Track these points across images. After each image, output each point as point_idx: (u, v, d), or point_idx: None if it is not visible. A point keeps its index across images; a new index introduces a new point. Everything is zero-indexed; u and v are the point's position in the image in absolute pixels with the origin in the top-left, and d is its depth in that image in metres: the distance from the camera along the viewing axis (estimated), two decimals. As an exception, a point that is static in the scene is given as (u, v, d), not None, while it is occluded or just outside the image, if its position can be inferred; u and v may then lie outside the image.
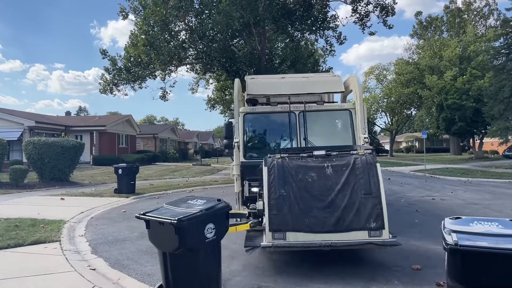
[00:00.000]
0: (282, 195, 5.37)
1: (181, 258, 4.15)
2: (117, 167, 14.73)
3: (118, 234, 8.19)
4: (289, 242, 5.20)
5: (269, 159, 5.71)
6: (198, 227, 4.11)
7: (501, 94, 24.48)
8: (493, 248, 2.89)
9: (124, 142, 40.57)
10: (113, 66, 24.28)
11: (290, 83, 9.13)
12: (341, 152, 5.82)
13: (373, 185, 5.37)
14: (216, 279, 4.42)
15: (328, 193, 5.36)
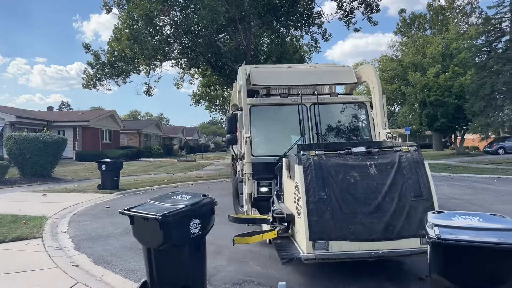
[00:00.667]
0: (323, 199, 4.69)
1: (165, 254, 4.12)
2: (101, 162, 14.56)
3: (102, 230, 8.11)
4: (333, 252, 4.55)
5: (303, 156, 5.01)
6: (183, 222, 4.08)
7: (482, 91, 24.92)
8: (474, 241, 2.94)
9: (108, 137, 40.12)
10: (96, 60, 23.97)
11: (298, 73, 8.52)
12: (383, 149, 5.25)
13: (423, 186, 4.81)
14: (201, 275, 4.41)
15: (374, 195, 4.74)
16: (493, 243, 2.91)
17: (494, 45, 26.14)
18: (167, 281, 4.20)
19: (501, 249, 2.89)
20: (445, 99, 34.90)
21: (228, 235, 7.50)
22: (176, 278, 4.16)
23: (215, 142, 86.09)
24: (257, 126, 7.69)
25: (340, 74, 8.52)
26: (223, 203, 11.24)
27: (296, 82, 8.26)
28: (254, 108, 7.66)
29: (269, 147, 7.71)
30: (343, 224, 4.57)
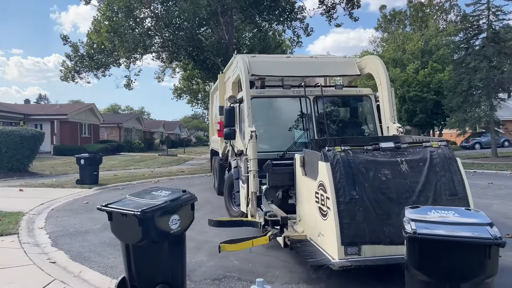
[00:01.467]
0: (354, 199, 4.31)
1: (144, 250, 4.08)
2: (79, 157, 14.32)
3: (80, 226, 7.99)
4: (367, 258, 4.21)
5: (329, 152, 4.61)
6: (163, 218, 4.03)
7: (460, 87, 25.37)
8: (449, 236, 3.00)
9: (87, 131, 39.48)
10: (75, 52, 23.53)
11: (298, 64, 8.18)
12: (413, 144, 4.95)
13: (457, 184, 4.53)
14: (180, 271, 4.39)
15: (407, 195, 4.41)
16: (467, 237, 2.97)
17: (471, 42, 26.58)
18: (146, 277, 4.16)
19: (474, 243, 2.95)
20: (424, 95, 35.48)
21: (208, 230, 7.50)
22: (155, 274, 4.13)
23: (197, 137, 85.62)
24: (257, 120, 7.22)
25: (342, 65, 8.24)
26: (204, 198, 11.24)
27: (296, 73, 7.97)
28: (254, 100, 7.21)
29: (270, 142, 7.37)
30: (376, 227, 4.25)
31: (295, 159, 5.67)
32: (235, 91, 8.44)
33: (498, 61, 24.84)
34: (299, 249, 4.87)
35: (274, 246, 6.20)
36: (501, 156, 25.07)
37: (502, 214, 8.43)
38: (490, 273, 3.01)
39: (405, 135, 6.42)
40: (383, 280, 4.68)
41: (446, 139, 5.08)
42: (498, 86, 25.18)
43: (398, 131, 6.66)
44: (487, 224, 3.09)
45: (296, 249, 4.94)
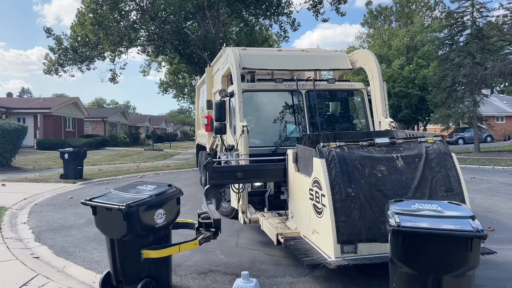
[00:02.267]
0: (350, 196, 4.24)
1: (129, 245, 4.06)
2: (63, 151, 14.12)
3: (64, 221, 7.89)
4: (364, 256, 4.17)
5: (324, 148, 4.51)
6: (148, 213, 4.02)
7: (444, 83, 25.69)
8: (433, 228, 3.04)
9: (71, 125, 38.93)
10: (58, 45, 23.10)
11: (289, 58, 8.09)
12: (408, 140, 4.88)
13: (453, 180, 4.50)
14: (166, 265, 4.38)
15: (403, 191, 4.35)
16: (450, 230, 3.01)
17: (456, 38, 26.91)
18: (131, 272, 4.15)
19: (457, 235, 3.00)
20: (409, 91, 35.86)
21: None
22: (140, 269, 4.12)
23: (183, 131, 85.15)
24: (248, 114, 7.05)
25: (334, 59, 8.17)
26: (190, 192, 11.20)
27: (287, 66, 7.88)
28: (245, 94, 7.05)
29: (261, 137, 7.25)
30: (372, 224, 4.19)
31: (288, 155, 5.60)
32: (225, 85, 8.33)
33: (482, 58, 25.21)
34: (293, 247, 4.77)
35: (261, 240, 6.23)
36: (484, 151, 25.53)
37: (484, 208, 8.59)
38: (472, 265, 3.07)
39: (398, 130, 6.42)
40: (365, 273, 4.74)
41: (441, 134, 5.05)
42: (481, 82, 25.58)
43: (390, 125, 6.63)
44: (469, 217, 3.14)
45: (290, 247, 4.83)
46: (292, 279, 4.76)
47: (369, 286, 4.47)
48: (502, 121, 42.19)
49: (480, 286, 4.41)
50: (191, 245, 4.45)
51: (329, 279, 4.74)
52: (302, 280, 4.73)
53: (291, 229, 5.32)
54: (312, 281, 4.71)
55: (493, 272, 4.84)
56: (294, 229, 5.27)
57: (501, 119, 42.23)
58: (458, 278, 3.08)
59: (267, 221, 5.78)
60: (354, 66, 7.98)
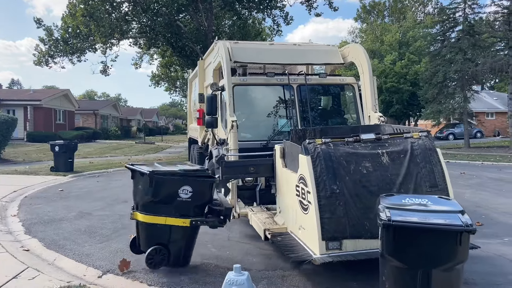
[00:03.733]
0: (335, 193, 4.24)
1: (150, 210, 4.66)
2: (54, 144, 14.02)
3: (55, 214, 7.84)
4: (349, 252, 4.19)
5: (309, 145, 4.50)
6: (172, 184, 4.52)
7: (435, 79, 25.85)
8: (423, 223, 3.07)
9: (62, 118, 38.58)
10: (49, 36, 22.84)
11: (281, 52, 8.02)
12: (393, 135, 4.86)
13: (438, 176, 4.49)
14: (183, 239, 4.80)
15: (388, 187, 4.33)
16: (439, 224, 3.05)
17: (447, 34, 27.06)
18: (144, 237, 4.82)
19: (446, 230, 3.04)
20: (401, 86, 36.05)
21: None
22: (154, 236, 4.69)
23: (175, 125, 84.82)
24: (239, 108, 6.99)
25: (326, 54, 8.12)
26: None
27: (279, 60, 7.87)
28: (237, 88, 7.00)
29: (252, 131, 7.22)
30: (357, 221, 4.19)
31: (275, 150, 5.61)
32: (217, 78, 8.30)
33: (473, 54, 25.40)
34: (280, 243, 4.81)
35: (252, 234, 6.25)
36: (473, 147, 25.79)
37: (473, 202, 8.69)
38: (461, 259, 3.11)
39: (386, 125, 6.41)
40: (353, 267, 4.78)
41: (427, 130, 5.06)
42: (472, 79, 25.79)
43: (379, 120, 6.62)
44: (458, 212, 3.18)
45: (277, 242, 4.87)
46: (283, 273, 4.79)
47: (358, 280, 4.52)
48: (492, 117, 42.61)
49: (468, 280, 4.47)
50: (179, 221, 4.62)
51: (319, 273, 4.77)
52: (292, 274, 4.76)
53: (279, 224, 5.34)
54: (303, 274, 4.74)
55: (481, 266, 4.91)
56: (282, 224, 5.29)
57: (491, 115, 42.65)
58: (447, 272, 3.12)
59: (256, 216, 5.80)
60: (346, 60, 7.97)
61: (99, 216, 7.61)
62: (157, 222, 4.62)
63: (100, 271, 4.86)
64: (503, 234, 6.33)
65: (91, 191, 10.28)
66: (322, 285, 4.44)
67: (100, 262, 5.12)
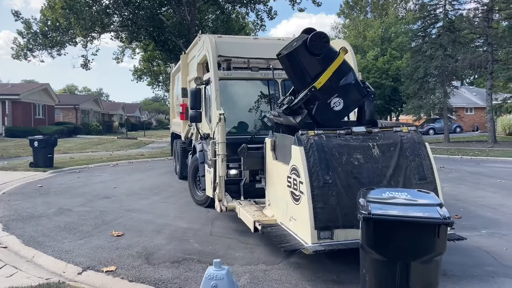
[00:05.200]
0: (328, 183, 4.33)
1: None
2: (33, 139, 13.73)
3: (34, 210, 7.70)
4: (340, 242, 4.27)
5: (302, 136, 4.59)
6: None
7: (416, 75, 26.18)
8: (402, 216, 3.11)
9: (41, 113, 37.81)
10: (27, 29, 22.32)
11: (267, 46, 7.96)
12: (384, 129, 4.98)
13: (426, 169, 4.65)
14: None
15: (379, 179, 4.48)
16: (418, 217, 3.09)
17: (428, 30, 27.40)
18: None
19: (425, 222, 3.08)
20: (383, 82, 36.42)
21: (168, 213, 7.46)
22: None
23: (158, 120, 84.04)
24: (223, 102, 6.97)
25: None
26: (165, 181, 11.13)
27: (263, 55, 7.86)
28: (221, 82, 7.05)
29: (237, 125, 7.26)
30: (349, 211, 4.25)
31: (266, 143, 5.63)
32: (201, 72, 8.27)
33: (453, 50, 25.80)
34: (270, 234, 4.84)
35: (235, 229, 6.25)
36: (453, 141, 26.27)
37: (452, 196, 8.86)
38: (439, 251, 3.16)
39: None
40: (336, 259, 4.83)
41: (415, 124, 5.20)
42: (452, 74, 26.22)
43: None
44: (437, 205, 3.23)
45: (267, 233, 4.91)
46: (265, 267, 4.80)
47: (340, 272, 4.56)
48: (471, 112, 43.40)
49: (447, 271, 4.55)
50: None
51: (301, 266, 4.80)
52: (275, 268, 4.78)
53: (268, 217, 5.37)
54: (285, 268, 4.77)
55: (459, 258, 5.01)
56: (271, 217, 5.33)
57: (470, 111, 43.44)
58: (426, 264, 3.17)
59: (244, 209, 5.84)
60: None
61: (80, 212, 7.51)
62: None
63: (80, 267, 4.79)
64: (481, 226, 6.47)
65: (71, 187, 10.12)
66: (304, 278, 4.47)
67: (80, 259, 5.05)
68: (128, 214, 7.40)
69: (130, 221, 6.87)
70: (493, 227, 6.41)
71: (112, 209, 7.81)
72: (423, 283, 3.20)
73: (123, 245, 5.58)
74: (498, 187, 9.97)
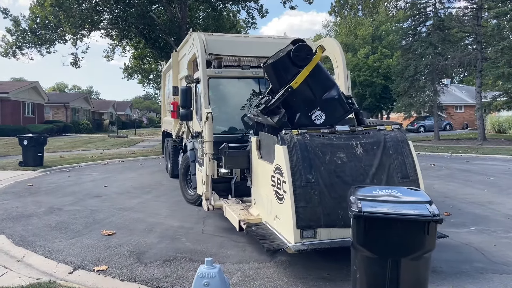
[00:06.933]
0: (310, 182, 4.34)
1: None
2: (22, 138, 13.58)
3: (24, 210, 7.63)
4: (323, 240, 4.30)
5: (285, 135, 4.59)
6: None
7: (407, 73, 26.36)
8: (392, 213, 3.14)
9: (31, 111, 37.39)
10: (16, 27, 22.06)
11: (258, 44, 8.04)
12: (367, 128, 5.00)
13: (409, 167, 4.66)
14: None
15: (362, 178, 4.49)
16: (408, 214, 3.12)
17: (418, 29, 27.57)
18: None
19: (415, 220, 3.11)
20: (373, 80, 36.61)
21: (160, 212, 7.44)
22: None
23: (149, 118, 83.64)
24: (214, 101, 7.02)
25: None
26: (157, 180, 11.09)
27: (254, 53, 7.88)
28: (212, 80, 7.05)
29: (227, 124, 7.24)
30: (331, 210, 4.29)
31: (251, 142, 5.66)
32: (191, 71, 8.26)
33: (443, 48, 25.98)
34: (254, 233, 4.87)
35: (227, 227, 6.26)
36: (443, 139, 26.50)
37: (441, 193, 8.95)
38: (429, 248, 3.19)
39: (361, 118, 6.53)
40: (327, 257, 4.86)
41: (400, 123, 5.24)
42: (441, 72, 26.44)
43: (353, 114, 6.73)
44: (426, 202, 3.26)
45: (252, 232, 4.94)
46: (257, 265, 4.82)
47: (332, 269, 4.59)
48: (461, 110, 43.82)
49: (436, 268, 4.61)
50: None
51: (293, 263, 4.83)
52: (267, 265, 4.79)
53: (254, 216, 5.40)
54: (277, 266, 4.78)
55: (448, 255, 5.07)
56: (257, 216, 5.36)
57: (460, 108, 43.85)
58: (416, 261, 3.20)
59: (230, 207, 5.87)
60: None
61: (70, 211, 7.45)
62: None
63: (71, 267, 4.77)
64: (470, 223, 6.55)
65: (61, 186, 10.04)
66: (296, 275, 4.49)
67: (71, 258, 5.02)
68: (119, 213, 7.37)
69: (121, 220, 6.85)
70: (482, 224, 6.49)
71: (103, 208, 7.77)
72: (413, 280, 3.24)
73: (115, 244, 5.56)
74: (487, 184, 10.09)
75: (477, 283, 4.29)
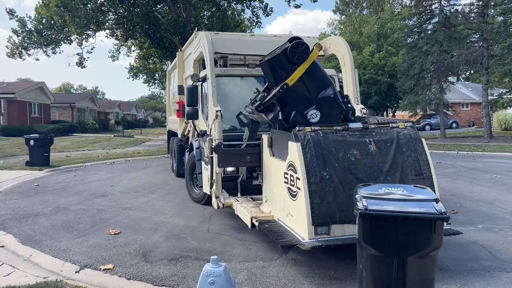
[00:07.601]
0: (325, 179, 4.35)
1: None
2: (29, 137, 13.66)
3: (30, 209, 7.67)
4: (337, 237, 4.29)
5: (299, 132, 4.59)
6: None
7: (412, 70, 26.23)
8: (398, 211, 3.13)
9: (37, 111, 37.65)
10: (22, 28, 22.24)
11: (264, 43, 7.96)
12: (380, 125, 4.99)
13: (423, 164, 4.67)
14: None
15: (375, 175, 4.51)
16: (414, 212, 3.11)
17: (424, 26, 27.42)
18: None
19: (421, 218, 3.10)
20: (379, 78, 36.48)
21: (165, 211, 7.46)
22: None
23: (154, 117, 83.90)
24: (220, 99, 6.95)
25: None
26: (162, 179, 11.12)
27: (260, 52, 7.81)
28: (218, 79, 7.04)
29: (233, 122, 7.24)
30: (346, 206, 4.27)
31: (263, 140, 5.63)
32: (197, 69, 8.26)
33: (448, 46, 25.82)
34: (267, 230, 4.85)
35: (232, 226, 6.26)
36: (449, 137, 26.35)
37: (448, 191, 8.90)
38: (435, 246, 3.18)
39: (370, 116, 6.53)
40: (332, 255, 4.85)
41: (411, 121, 5.24)
42: (447, 70, 26.27)
43: (361, 112, 6.65)
44: (433, 200, 3.24)
45: (265, 230, 4.91)
46: (263, 263, 4.81)
47: (337, 268, 4.58)
48: (467, 107, 43.53)
49: (443, 266, 4.58)
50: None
51: (299, 262, 4.82)
52: (273, 264, 4.79)
53: (265, 213, 5.38)
54: (283, 264, 4.78)
55: (455, 253, 5.04)
56: (268, 213, 5.34)
57: (466, 106, 43.56)
58: (422, 259, 3.18)
59: (241, 205, 5.84)
60: (326, 52, 7.97)
61: (77, 210, 7.49)
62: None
63: (77, 266, 4.79)
64: (477, 221, 6.51)
65: (68, 186, 10.09)
66: (302, 274, 4.48)
67: (78, 257, 5.04)
68: (125, 212, 7.40)
69: (127, 219, 6.87)
70: (489, 222, 6.45)
71: (109, 207, 7.80)
72: (420, 278, 3.22)
73: (121, 243, 5.58)
74: (494, 182, 10.02)
75: (484, 281, 4.26)
